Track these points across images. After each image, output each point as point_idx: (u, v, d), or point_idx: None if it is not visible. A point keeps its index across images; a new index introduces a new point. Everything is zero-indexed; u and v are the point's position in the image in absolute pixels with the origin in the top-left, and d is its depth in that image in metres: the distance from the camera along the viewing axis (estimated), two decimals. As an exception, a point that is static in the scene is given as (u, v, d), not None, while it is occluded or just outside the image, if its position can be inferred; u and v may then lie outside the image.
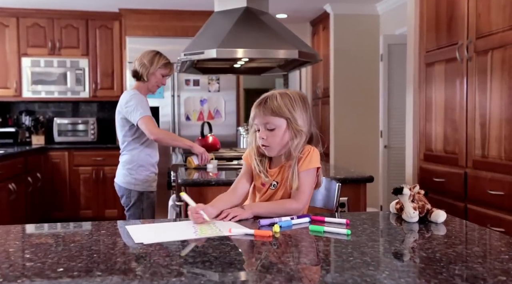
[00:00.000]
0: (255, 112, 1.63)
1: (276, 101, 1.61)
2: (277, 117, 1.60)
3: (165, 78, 3.04)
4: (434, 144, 3.39)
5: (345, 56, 5.40)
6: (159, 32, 5.49)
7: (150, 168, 3.00)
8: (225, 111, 5.53)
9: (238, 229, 1.35)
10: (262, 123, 1.62)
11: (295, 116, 1.61)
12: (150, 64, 2.96)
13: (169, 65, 3.03)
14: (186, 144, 2.94)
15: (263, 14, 3.40)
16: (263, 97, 1.64)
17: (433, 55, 3.38)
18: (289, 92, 1.65)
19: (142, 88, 3.02)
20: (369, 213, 1.60)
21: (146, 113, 2.86)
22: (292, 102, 1.62)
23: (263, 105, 1.62)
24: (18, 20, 5.49)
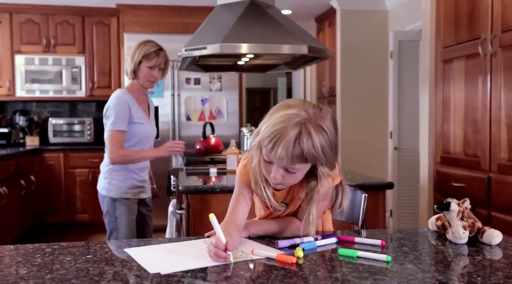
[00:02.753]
0: (279, 153, 1.16)
1: (313, 145, 1.15)
2: (305, 163, 1.20)
3: (154, 71, 2.62)
4: (453, 146, 3.17)
5: (353, 53, 5.18)
6: (158, 28, 5.27)
7: (128, 174, 2.61)
8: (227, 111, 5.31)
9: (260, 251, 1.14)
10: (283, 165, 1.20)
11: (330, 160, 1.21)
12: (131, 59, 2.62)
13: (152, 55, 2.60)
14: (150, 155, 2.62)
15: (269, 7, 3.18)
16: (293, 135, 1.15)
17: (452, 51, 3.16)
18: (324, 124, 1.18)
19: (134, 87, 2.67)
20: (404, 231, 1.37)
21: (116, 127, 2.51)
22: (330, 141, 1.18)
23: (292, 149, 1.15)
24: (11, 16, 5.27)
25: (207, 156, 3.36)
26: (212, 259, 1.11)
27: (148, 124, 2.66)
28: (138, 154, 2.57)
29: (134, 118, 2.56)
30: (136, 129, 2.57)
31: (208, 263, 1.09)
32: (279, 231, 1.33)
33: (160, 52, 2.63)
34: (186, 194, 2.24)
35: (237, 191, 1.38)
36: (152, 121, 2.74)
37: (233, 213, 1.33)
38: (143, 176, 2.70)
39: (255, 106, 9.09)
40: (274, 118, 1.18)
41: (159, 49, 2.64)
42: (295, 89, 6.91)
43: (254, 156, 1.26)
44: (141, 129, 2.59)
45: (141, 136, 2.60)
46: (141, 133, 2.60)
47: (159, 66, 2.63)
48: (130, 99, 2.58)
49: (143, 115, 2.63)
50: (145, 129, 2.62)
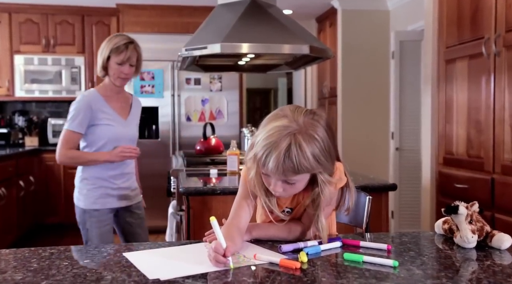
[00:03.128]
0: (270, 167, 1.14)
1: (304, 157, 1.12)
2: (302, 174, 1.17)
3: (124, 67, 2.37)
4: (455, 147, 3.14)
5: (354, 53, 5.15)
6: (158, 28, 5.24)
7: (98, 182, 2.40)
8: (227, 111, 5.28)
9: (263, 256, 1.11)
10: (280, 179, 1.18)
11: (327, 167, 1.19)
12: (100, 54, 2.39)
13: (121, 48, 2.35)
14: (101, 159, 2.37)
15: (271, 7, 3.15)
16: (283, 148, 1.12)
17: (455, 51, 3.13)
18: (315, 133, 1.15)
19: (105, 85, 2.45)
20: (410, 234, 1.34)
21: (69, 126, 2.34)
22: (323, 149, 1.15)
23: (282, 162, 1.12)
24: (11, 15, 5.24)
25: (208, 157, 3.33)
26: (212, 263, 1.07)
27: (120, 125, 2.42)
28: (88, 157, 2.37)
29: (98, 120, 2.36)
30: (101, 131, 2.37)
31: (208, 268, 1.06)
32: (282, 235, 1.29)
33: (129, 45, 2.37)
34: (186, 195, 2.21)
35: (241, 193, 1.34)
36: (131, 122, 2.50)
37: (235, 216, 1.30)
38: (121, 183, 2.45)
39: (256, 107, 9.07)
40: (265, 131, 1.17)
41: (129, 42, 2.38)
42: (296, 89, 6.87)
43: (251, 169, 1.24)
44: (108, 131, 2.37)
45: (109, 139, 2.38)
46: (109, 135, 2.38)
47: (129, 62, 2.38)
48: (97, 99, 2.38)
49: (114, 116, 2.41)
50: (114, 130, 2.39)
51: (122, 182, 2.46)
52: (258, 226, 1.33)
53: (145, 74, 5.15)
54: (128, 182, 2.50)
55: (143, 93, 5.13)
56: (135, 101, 2.59)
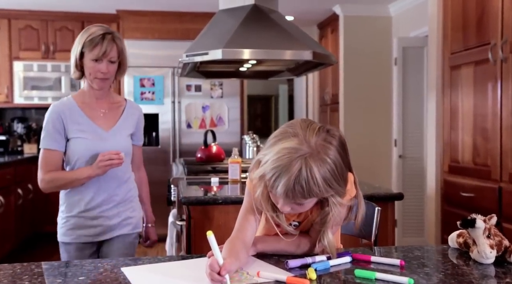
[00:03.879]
0: (279, 192, 1.08)
1: (315, 183, 1.06)
2: (312, 198, 1.12)
3: (102, 64, 1.91)
4: (461, 155, 3.08)
5: (356, 60, 5.10)
6: (159, 34, 5.20)
7: (71, 209, 1.99)
8: (228, 118, 5.23)
9: (268, 273, 1.04)
10: (289, 203, 1.13)
11: (339, 190, 1.12)
12: (72, 53, 1.96)
13: (96, 41, 1.89)
14: (83, 177, 1.92)
15: (273, 12, 3.10)
16: (293, 174, 1.06)
17: (460, 57, 3.07)
18: (327, 156, 1.09)
19: (83, 91, 2.02)
20: (422, 248, 1.28)
21: (43, 145, 1.96)
22: (336, 172, 1.09)
23: (291, 188, 1.06)
24: (10, 22, 5.20)
25: (209, 164, 3.27)
26: (208, 277, 1.03)
27: (98, 137, 1.96)
28: (67, 176, 1.93)
29: (71, 132, 1.94)
30: (73, 147, 1.94)
31: None
32: (290, 249, 1.23)
33: (107, 36, 1.90)
34: (187, 205, 2.15)
35: (246, 206, 1.28)
36: (117, 132, 2.02)
37: (241, 229, 1.23)
38: (103, 212, 1.99)
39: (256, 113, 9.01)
40: (274, 152, 1.10)
41: (106, 33, 1.91)
42: (297, 96, 6.83)
43: (257, 187, 1.17)
44: (79, 146, 1.94)
45: (80, 155, 1.94)
46: (80, 150, 1.94)
47: (107, 57, 1.90)
48: (69, 108, 1.96)
49: (89, 127, 1.96)
50: (87, 145, 1.94)
51: (105, 209, 1.99)
52: (263, 239, 1.27)
53: (145, 81, 5.10)
54: (117, 210, 2.01)
55: (143, 100, 5.09)
56: (130, 107, 2.10)
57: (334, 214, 1.15)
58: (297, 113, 6.92)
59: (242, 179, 2.63)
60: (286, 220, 1.22)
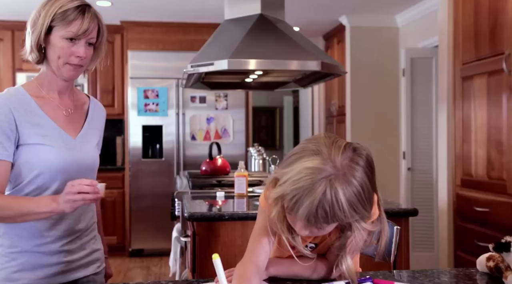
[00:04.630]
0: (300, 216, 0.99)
1: (339, 207, 0.96)
2: (333, 224, 1.03)
3: (78, 45, 1.42)
4: (474, 168, 2.98)
5: (363, 71, 5.03)
6: (163, 46, 5.15)
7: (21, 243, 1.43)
8: (233, 130, 5.15)
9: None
10: (309, 227, 1.03)
11: (364, 215, 1.02)
12: (33, 25, 1.44)
13: (72, 14, 1.41)
14: (41, 211, 1.33)
15: (279, 22, 3.04)
16: (316, 197, 0.96)
17: (472, 67, 2.99)
18: (354, 178, 0.99)
19: (41, 79, 1.50)
20: (448, 272, 1.18)
21: None
22: (363, 196, 0.99)
23: (314, 212, 0.97)
24: (14, 33, 5.16)
25: (214, 178, 3.19)
26: None
27: (65, 146, 1.45)
28: (19, 206, 1.34)
29: (26, 137, 1.41)
30: (30, 157, 1.41)
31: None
32: (305, 273, 1.14)
33: (88, 10, 1.44)
34: (192, 221, 2.06)
35: (260, 226, 1.17)
36: (86, 141, 1.53)
37: (253, 252, 1.14)
38: (65, 245, 1.47)
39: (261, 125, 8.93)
40: (295, 171, 1.00)
41: (85, 4, 1.46)
42: (303, 108, 6.75)
43: (273, 207, 1.06)
44: (42, 156, 1.41)
45: (42, 170, 1.41)
46: (43, 162, 1.41)
47: (87, 37, 1.43)
48: (22, 102, 1.43)
49: (53, 130, 1.45)
50: (54, 155, 1.42)
51: (67, 243, 1.48)
52: (276, 262, 1.18)
53: (149, 92, 5.04)
54: (78, 243, 1.51)
55: (147, 112, 5.02)
56: (94, 107, 1.61)
57: (357, 240, 1.06)
58: (302, 125, 6.84)
59: (249, 193, 2.54)
60: (302, 242, 1.13)
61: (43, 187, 1.43)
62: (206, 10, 4.68)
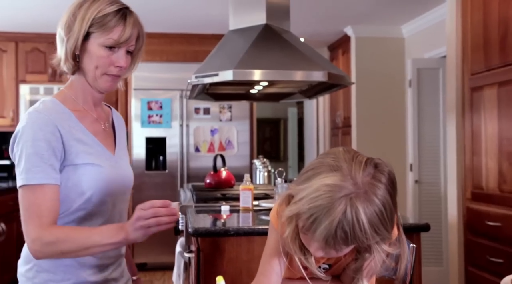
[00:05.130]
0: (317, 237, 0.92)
1: (361, 228, 0.90)
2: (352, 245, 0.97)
3: (119, 54, 1.30)
4: (485, 181, 2.91)
5: (368, 82, 4.98)
6: (167, 57, 5.12)
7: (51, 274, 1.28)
8: (237, 141, 5.09)
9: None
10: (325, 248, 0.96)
11: (386, 236, 0.95)
12: (67, 32, 1.29)
13: (114, 20, 1.28)
14: (110, 242, 1.20)
15: (285, 33, 2.99)
16: (336, 217, 0.90)
17: (481, 78, 2.94)
18: (376, 196, 0.92)
19: (74, 91, 1.35)
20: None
21: (30, 180, 1.22)
22: (385, 216, 0.93)
23: (333, 234, 0.91)
24: (17, 44, 5.15)
25: (218, 191, 3.12)
26: None
27: (109, 164, 1.34)
28: (82, 237, 1.20)
29: (74, 156, 1.27)
30: (79, 178, 1.27)
31: None
32: None
33: (130, 15, 1.31)
34: (196, 236, 2.00)
35: (272, 247, 1.11)
36: (121, 157, 1.42)
37: (264, 273, 1.08)
38: (112, 273, 1.37)
39: (265, 137, 8.88)
40: (312, 188, 0.93)
41: (125, 8, 1.32)
42: (307, 119, 6.70)
43: (286, 225, 0.99)
44: (91, 176, 1.28)
45: (95, 190, 1.29)
46: (93, 183, 1.28)
47: (128, 45, 1.31)
48: (64, 117, 1.29)
49: (97, 148, 1.33)
50: (104, 176, 1.30)
51: (113, 270, 1.37)
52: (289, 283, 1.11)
53: (152, 104, 5.00)
54: (119, 270, 1.41)
55: (150, 123, 4.98)
56: (117, 118, 1.49)
57: (377, 263, 0.98)
58: (307, 136, 6.78)
59: (254, 207, 2.47)
60: (316, 263, 1.06)
61: (92, 212, 1.29)
62: (210, 21, 4.66)
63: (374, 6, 4.30)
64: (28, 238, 1.20)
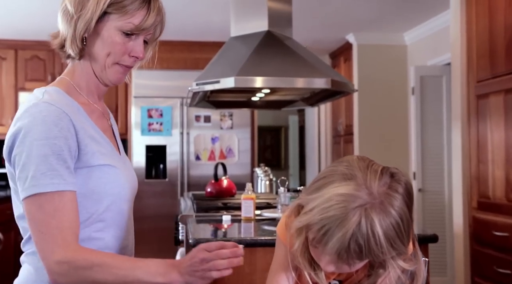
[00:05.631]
0: (329, 250, 0.87)
1: (376, 242, 0.85)
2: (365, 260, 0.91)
3: (136, 41, 1.15)
4: (492, 190, 2.85)
5: (371, 89, 4.93)
6: (167, 64, 5.07)
7: None
8: (238, 149, 5.04)
9: None
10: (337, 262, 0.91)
11: (402, 251, 0.90)
12: (80, 8, 1.09)
13: (136, 1, 1.11)
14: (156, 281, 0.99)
15: (287, 39, 2.95)
16: (350, 229, 0.84)
17: (487, 85, 2.89)
18: (393, 208, 0.87)
19: (77, 80, 1.17)
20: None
21: (49, 186, 1.01)
22: (402, 228, 0.88)
23: (346, 247, 0.85)
24: (17, 52, 5.11)
25: (219, 200, 3.06)
26: None
27: (122, 165, 1.18)
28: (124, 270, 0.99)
29: (90, 156, 1.08)
30: (96, 183, 1.09)
31: None
32: None
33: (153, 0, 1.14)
34: (197, 247, 1.93)
35: (279, 259, 1.06)
36: (125, 156, 1.26)
37: None
38: None
39: (266, 145, 8.83)
40: (325, 198, 0.88)
41: None
42: (309, 127, 6.65)
43: (295, 238, 0.94)
44: (110, 180, 1.11)
45: (115, 197, 1.12)
46: (113, 189, 1.12)
47: (147, 33, 1.16)
48: (74, 111, 1.09)
49: (107, 146, 1.15)
50: (120, 178, 1.14)
51: None
52: None
53: (153, 112, 4.95)
54: None
55: (150, 131, 4.92)
56: (111, 117, 1.32)
57: (390, 279, 0.93)
58: (308, 144, 6.73)
59: (256, 216, 2.42)
60: (326, 278, 1.00)
61: (108, 224, 1.09)
62: (211, 28, 4.62)
63: (376, 14, 4.26)
64: (50, 259, 0.99)
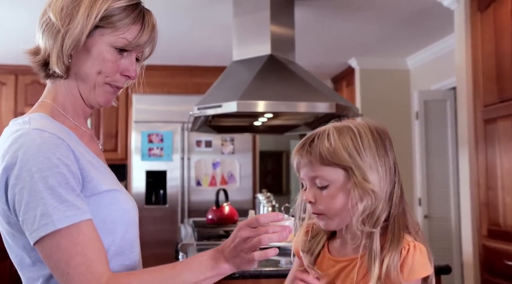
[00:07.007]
0: (297, 159, 1.02)
1: (328, 141, 0.98)
2: (330, 167, 0.98)
3: (128, 59, 1.06)
4: (503, 218, 2.76)
5: (373, 114, 4.86)
6: (168, 89, 5.04)
7: None
8: (240, 175, 4.96)
9: None
10: (309, 176, 1.01)
11: (360, 165, 0.98)
12: (67, 21, 0.97)
13: (131, 16, 1.01)
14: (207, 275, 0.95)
15: (290, 63, 2.91)
16: (309, 136, 1.02)
17: (495, 109, 2.83)
18: (353, 125, 1.03)
19: (61, 102, 1.05)
20: None
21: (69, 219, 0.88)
22: (357, 141, 1.00)
23: (307, 148, 1.00)
24: (17, 77, 5.08)
25: (221, 227, 2.97)
26: None
27: (123, 188, 1.09)
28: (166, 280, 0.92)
29: (96, 182, 0.97)
30: (106, 212, 0.98)
31: None
32: None
33: (148, 13, 1.06)
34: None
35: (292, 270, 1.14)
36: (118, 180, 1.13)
37: None
38: None
39: (267, 170, 8.74)
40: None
41: (141, 3, 1.06)
42: (311, 152, 6.57)
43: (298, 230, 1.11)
44: (120, 207, 1.02)
45: (127, 226, 1.03)
46: (124, 216, 1.02)
47: (140, 50, 1.08)
48: (66, 137, 0.97)
49: (105, 172, 1.04)
50: (128, 203, 1.06)
51: None
52: None
53: (153, 137, 4.89)
54: None
55: (151, 156, 4.85)
56: None
57: (355, 196, 0.98)
58: (310, 169, 6.65)
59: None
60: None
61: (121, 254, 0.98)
62: (212, 53, 4.60)
63: (378, 38, 4.24)
64: None
